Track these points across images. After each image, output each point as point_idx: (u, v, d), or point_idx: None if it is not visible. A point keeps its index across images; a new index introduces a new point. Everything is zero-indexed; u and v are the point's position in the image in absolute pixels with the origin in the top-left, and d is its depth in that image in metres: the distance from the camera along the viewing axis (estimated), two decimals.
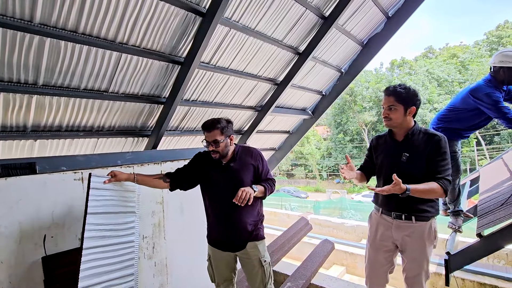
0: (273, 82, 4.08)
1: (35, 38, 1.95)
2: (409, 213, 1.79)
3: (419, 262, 1.84)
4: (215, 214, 2.00)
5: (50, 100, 2.36)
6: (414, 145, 1.80)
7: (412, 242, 1.82)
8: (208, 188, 2.01)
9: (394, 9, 4.31)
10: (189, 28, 2.63)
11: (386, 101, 1.83)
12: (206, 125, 1.89)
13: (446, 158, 1.75)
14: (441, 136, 1.79)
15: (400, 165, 1.80)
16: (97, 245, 1.81)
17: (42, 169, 2.13)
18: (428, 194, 1.72)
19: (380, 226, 1.95)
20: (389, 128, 1.91)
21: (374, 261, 2.00)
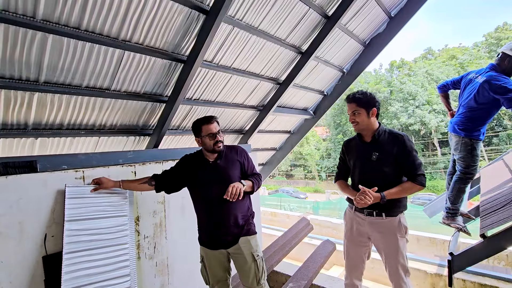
0: (275, 81, 4.06)
1: (38, 34, 1.92)
2: (380, 209, 1.93)
3: (394, 256, 1.95)
4: (206, 212, 2.02)
5: (51, 97, 2.33)
6: (381, 144, 1.96)
7: (384, 237, 1.96)
8: (197, 188, 2.04)
9: (396, 9, 4.31)
10: (193, 25, 2.61)
11: (349, 108, 2.00)
12: (208, 118, 1.99)
13: (414, 154, 1.92)
14: (404, 135, 1.97)
15: (372, 164, 1.97)
16: (82, 249, 1.95)
17: (43, 167, 2.11)
18: (403, 194, 1.92)
19: (354, 222, 2.10)
20: (358, 132, 2.06)
21: (353, 255, 2.15)
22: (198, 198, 2.06)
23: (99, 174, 2.25)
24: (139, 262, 2.49)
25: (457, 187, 2.91)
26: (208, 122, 1.96)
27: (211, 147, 1.96)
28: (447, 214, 3.02)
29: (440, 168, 27.91)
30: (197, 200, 2.07)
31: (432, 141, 29.42)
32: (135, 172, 2.49)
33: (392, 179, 1.93)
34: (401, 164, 1.93)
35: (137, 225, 2.49)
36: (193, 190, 2.08)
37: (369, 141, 2.02)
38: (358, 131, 2.05)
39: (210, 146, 1.96)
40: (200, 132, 1.97)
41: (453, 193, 2.94)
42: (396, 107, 28.47)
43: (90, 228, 2.08)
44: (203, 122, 1.97)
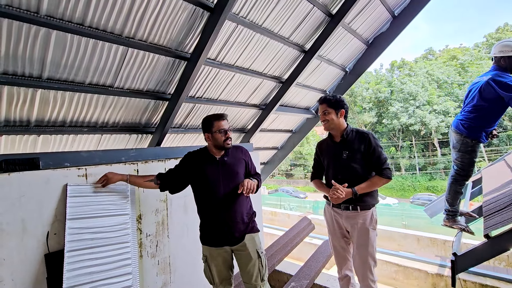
0: (278, 80, 4.04)
1: (41, 30, 1.90)
2: (354, 204, 2.08)
3: (365, 246, 2.10)
4: (213, 208, 2.01)
5: (54, 94, 2.31)
6: (350, 143, 2.13)
7: (358, 229, 2.12)
8: (203, 184, 2.02)
9: (400, 8, 4.29)
10: (197, 23, 2.59)
11: (321, 108, 2.17)
12: (220, 114, 2.02)
13: (379, 150, 2.09)
14: (369, 133, 2.14)
15: (342, 162, 2.13)
16: (84, 247, 1.97)
17: (45, 164, 2.09)
18: (372, 188, 2.08)
19: (333, 217, 2.26)
20: (328, 130, 2.23)
21: (338, 248, 2.30)
22: (205, 195, 2.03)
23: (101, 172, 2.23)
24: (141, 261, 2.48)
25: (453, 189, 2.91)
26: (220, 119, 1.99)
27: (221, 143, 1.97)
28: (447, 216, 3.01)
29: (440, 168, 27.92)
30: (203, 196, 2.04)
31: (432, 142, 29.41)
32: (137, 170, 2.48)
33: (361, 175, 2.09)
34: (368, 160, 2.09)
35: (140, 223, 2.48)
36: (199, 187, 2.05)
37: (338, 141, 2.19)
38: (327, 130, 2.22)
39: (220, 142, 1.97)
40: (211, 128, 1.98)
41: (450, 195, 2.94)
42: (396, 107, 28.46)
43: (92, 226, 2.09)
44: (215, 118, 1.99)
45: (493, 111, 2.66)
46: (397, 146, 31.04)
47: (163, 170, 2.66)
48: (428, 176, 28.11)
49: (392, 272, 4.99)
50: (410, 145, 30.37)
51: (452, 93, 27.73)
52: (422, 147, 30.29)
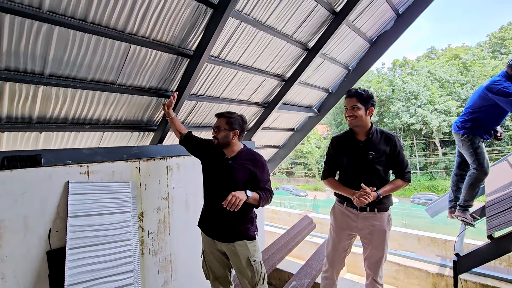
0: (280, 78, 4.02)
1: (44, 26, 1.88)
2: (372, 205, 2.02)
3: (382, 247, 2.08)
4: (208, 201, 2.09)
5: (56, 91, 2.30)
6: (375, 143, 2.03)
7: (375, 230, 2.07)
8: (206, 175, 2.12)
9: (404, 6, 4.25)
10: (200, 20, 2.56)
11: (349, 102, 2.02)
12: (218, 112, 2.03)
13: (403, 154, 2.07)
14: (395, 135, 2.09)
15: (367, 163, 2.03)
16: (85, 245, 1.97)
17: (47, 161, 2.09)
18: (394, 191, 2.04)
19: (345, 216, 2.16)
20: (353, 127, 2.09)
21: (338, 247, 2.23)
22: (206, 184, 2.13)
23: (103, 170, 2.24)
24: (143, 258, 2.47)
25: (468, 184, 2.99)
26: (216, 116, 2.03)
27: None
28: (459, 208, 3.09)
29: (441, 168, 27.87)
30: (205, 185, 2.15)
31: (433, 141, 29.34)
32: (139, 168, 2.47)
33: (383, 177, 2.05)
34: (392, 163, 2.05)
35: (141, 221, 2.48)
36: (204, 172, 2.16)
37: (363, 139, 2.06)
38: (353, 126, 2.08)
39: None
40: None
41: (466, 191, 3.01)
42: (398, 106, 28.36)
43: (94, 224, 2.10)
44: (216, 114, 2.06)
45: (488, 113, 2.75)
46: None
47: (165, 168, 2.67)
48: (429, 175, 28.07)
49: (393, 272, 5.00)
50: (411, 144, 30.30)
51: (454, 92, 27.61)
52: (423, 146, 30.23)
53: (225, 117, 1.95)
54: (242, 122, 1.99)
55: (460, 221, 3.12)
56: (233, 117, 1.95)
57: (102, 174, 2.26)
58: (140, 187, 2.48)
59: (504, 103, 2.56)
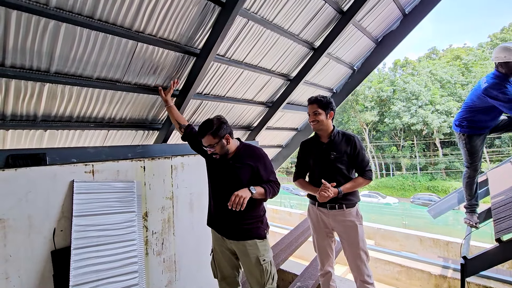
0: (286, 77, 3.98)
1: (51, 22, 1.84)
2: (340, 203, 2.20)
3: (356, 242, 2.21)
4: (214, 200, 2.12)
5: (62, 89, 2.26)
6: (337, 144, 2.23)
7: (346, 226, 2.22)
8: (210, 175, 2.18)
9: (411, 6, 4.21)
10: (207, 18, 2.53)
11: (311, 108, 2.23)
12: (199, 131, 1.99)
13: (363, 153, 2.24)
14: (355, 136, 2.28)
15: (330, 162, 2.22)
16: (90, 245, 1.97)
17: (52, 160, 2.06)
18: (356, 188, 2.22)
19: (318, 217, 2.33)
20: (317, 131, 2.29)
21: (322, 246, 2.38)
22: (210, 184, 2.18)
23: (108, 168, 2.22)
24: (147, 258, 2.46)
25: (464, 183, 3.10)
26: (199, 135, 2.00)
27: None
28: (466, 210, 3.17)
29: (441, 168, 27.90)
30: (209, 185, 2.19)
31: (433, 142, 29.36)
32: (144, 167, 2.45)
33: (346, 175, 2.22)
34: (353, 162, 2.23)
35: (145, 221, 2.46)
36: (208, 173, 2.21)
37: (326, 141, 2.27)
38: (316, 130, 2.29)
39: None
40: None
41: (464, 190, 3.13)
42: (398, 106, 28.38)
43: (98, 223, 2.09)
44: (198, 132, 2.04)
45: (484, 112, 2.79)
46: (398, 145, 31.01)
47: (169, 167, 2.65)
48: (429, 176, 28.11)
49: (395, 273, 4.99)
50: (412, 144, 30.34)
51: (455, 93, 27.61)
52: (423, 147, 30.25)
53: (211, 134, 1.92)
54: (225, 124, 1.98)
55: (465, 223, 3.14)
56: (216, 128, 1.92)
57: (107, 173, 2.24)
58: (145, 186, 2.46)
59: (504, 108, 2.60)
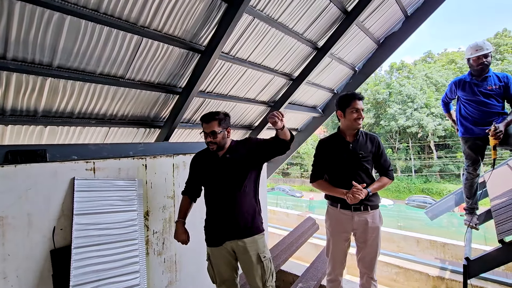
0: (288, 77, 3.97)
1: (55, 15, 1.79)
2: (365, 205, 2.13)
3: (376, 243, 2.18)
4: (214, 204, 2.00)
5: (64, 83, 2.21)
6: (362, 144, 2.17)
7: (369, 228, 2.16)
8: (207, 182, 2.04)
9: (413, 8, 4.23)
10: (213, 14, 2.49)
11: (360, 105, 2.13)
12: (205, 117, 1.93)
13: (386, 153, 2.23)
14: (378, 136, 2.25)
15: (358, 162, 2.14)
16: (91, 244, 1.91)
17: (52, 157, 2.01)
18: (382, 188, 2.17)
19: (340, 219, 2.23)
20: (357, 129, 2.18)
21: (338, 252, 2.29)
22: (208, 191, 2.05)
23: (110, 166, 2.17)
24: (148, 258, 2.41)
25: (463, 185, 3.14)
26: (204, 121, 1.93)
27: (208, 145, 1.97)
28: (465, 212, 3.18)
29: (436, 171, 28.17)
30: (208, 195, 2.06)
31: (428, 144, 29.65)
32: (145, 165, 2.41)
33: (371, 175, 2.19)
34: (377, 162, 2.20)
35: (147, 220, 2.41)
36: (204, 184, 2.08)
37: (351, 141, 2.19)
38: (358, 128, 2.18)
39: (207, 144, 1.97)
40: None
41: (464, 192, 3.15)
42: (394, 109, 28.58)
43: (99, 222, 2.03)
44: (202, 119, 1.94)
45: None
46: (393, 147, 31.24)
47: (171, 165, 2.60)
48: (424, 178, 28.35)
49: (393, 274, 4.99)
50: (407, 147, 30.58)
51: None
52: (418, 149, 30.52)
53: (216, 120, 1.91)
54: (229, 118, 2.00)
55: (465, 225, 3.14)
56: (222, 117, 1.93)
57: (108, 171, 2.19)
58: (146, 185, 2.41)
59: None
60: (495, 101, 2.69)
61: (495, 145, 2.63)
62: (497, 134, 2.52)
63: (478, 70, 2.69)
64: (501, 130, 2.52)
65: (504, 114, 2.69)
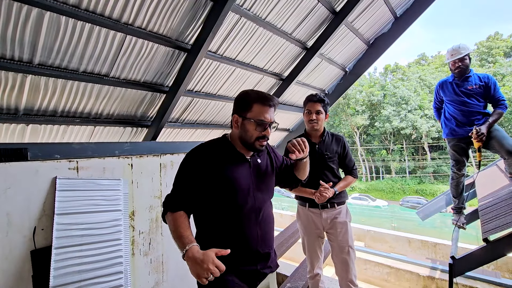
0: (278, 77, 3.96)
1: (34, 10, 1.76)
2: (331, 202, 2.19)
3: (346, 237, 2.21)
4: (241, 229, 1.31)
5: (46, 81, 2.17)
6: (328, 145, 2.21)
7: (338, 223, 2.22)
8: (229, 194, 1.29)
9: (402, 9, 4.27)
10: (199, 12, 2.48)
11: (315, 107, 2.14)
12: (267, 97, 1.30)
13: (350, 153, 2.29)
14: (343, 136, 2.30)
15: (323, 162, 2.19)
16: (73, 244, 1.87)
17: (34, 156, 1.97)
18: (347, 186, 2.25)
19: (309, 218, 2.29)
20: (313, 131, 2.19)
21: (313, 248, 2.34)
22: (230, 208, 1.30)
23: (93, 165, 2.13)
24: (133, 259, 2.37)
25: (450, 184, 3.19)
26: (266, 103, 1.27)
27: (250, 140, 1.30)
28: (453, 212, 3.25)
29: (429, 172, 28.43)
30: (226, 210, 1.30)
31: (422, 146, 29.93)
32: (131, 165, 2.38)
33: (337, 175, 2.24)
34: (341, 161, 2.27)
35: (132, 220, 2.38)
36: (221, 196, 1.29)
37: (317, 142, 2.21)
38: (312, 130, 2.20)
39: (250, 139, 1.30)
40: (246, 111, 1.29)
41: (451, 192, 3.22)
42: (388, 110, 28.83)
43: (82, 222, 2.00)
44: (259, 98, 1.28)
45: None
46: (388, 149, 31.47)
47: (158, 165, 2.57)
48: (418, 179, 28.59)
49: (384, 274, 5.01)
50: (401, 148, 30.84)
51: None
52: (412, 150, 30.79)
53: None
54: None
55: (453, 224, 3.18)
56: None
57: (92, 170, 2.16)
58: (132, 184, 2.38)
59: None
60: (476, 101, 2.74)
61: (479, 147, 2.67)
62: (479, 136, 2.58)
63: (456, 73, 2.78)
64: (483, 133, 2.58)
65: (486, 114, 2.73)
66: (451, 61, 2.76)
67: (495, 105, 2.72)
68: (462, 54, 2.69)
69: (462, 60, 2.72)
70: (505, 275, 5.04)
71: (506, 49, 28.88)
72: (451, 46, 2.80)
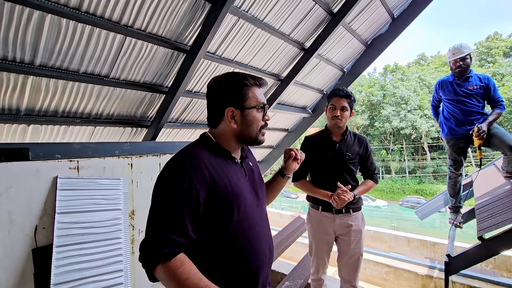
0: (276, 77, 4.00)
1: (35, 13, 1.80)
2: (347, 207, 2.03)
3: (359, 246, 2.09)
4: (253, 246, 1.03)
5: (47, 82, 2.21)
6: (350, 145, 2.06)
7: (352, 231, 2.07)
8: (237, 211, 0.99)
9: (400, 10, 4.30)
10: (198, 14, 2.52)
11: (340, 102, 1.98)
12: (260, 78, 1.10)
13: (372, 156, 2.17)
14: (365, 138, 2.17)
15: (344, 163, 2.04)
16: (74, 242, 1.91)
17: (35, 155, 2.00)
18: (367, 191, 2.11)
19: (321, 222, 2.13)
20: (336, 128, 2.04)
21: (321, 253, 2.19)
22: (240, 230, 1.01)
23: (94, 165, 2.17)
24: (133, 257, 2.40)
25: (447, 184, 3.22)
26: (260, 82, 1.08)
27: (254, 133, 1.07)
28: (450, 211, 3.28)
29: (429, 172, 28.45)
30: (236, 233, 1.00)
31: (422, 146, 29.95)
32: (131, 165, 2.41)
33: (355, 178, 2.09)
34: (363, 164, 2.12)
35: (132, 219, 2.41)
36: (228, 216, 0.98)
37: (339, 140, 2.07)
38: (335, 128, 2.03)
39: (254, 132, 1.07)
40: (244, 99, 1.04)
41: (448, 191, 3.25)
42: (388, 110, 28.86)
43: (83, 221, 2.04)
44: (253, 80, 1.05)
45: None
46: (388, 149, 31.49)
47: (158, 165, 2.61)
48: (417, 179, 28.62)
49: (383, 273, 5.04)
50: (401, 148, 30.87)
51: None
52: (412, 150, 30.82)
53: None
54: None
55: (450, 223, 3.21)
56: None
57: (93, 170, 2.19)
58: (132, 184, 2.41)
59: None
60: (475, 101, 2.76)
61: (479, 145, 2.69)
62: (480, 134, 2.59)
63: (457, 72, 2.77)
64: (484, 130, 2.59)
65: (485, 115, 2.76)
66: (452, 60, 2.76)
67: (493, 105, 2.74)
68: (463, 53, 2.69)
69: (464, 60, 2.71)
70: (503, 274, 5.07)
71: (505, 49, 28.93)
72: (453, 45, 2.79)
